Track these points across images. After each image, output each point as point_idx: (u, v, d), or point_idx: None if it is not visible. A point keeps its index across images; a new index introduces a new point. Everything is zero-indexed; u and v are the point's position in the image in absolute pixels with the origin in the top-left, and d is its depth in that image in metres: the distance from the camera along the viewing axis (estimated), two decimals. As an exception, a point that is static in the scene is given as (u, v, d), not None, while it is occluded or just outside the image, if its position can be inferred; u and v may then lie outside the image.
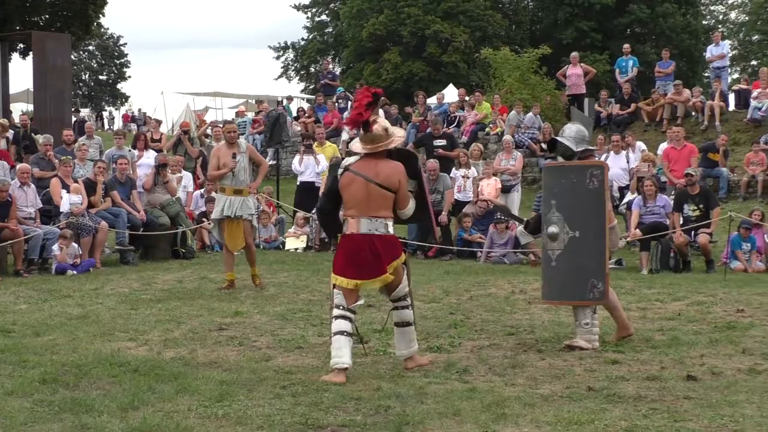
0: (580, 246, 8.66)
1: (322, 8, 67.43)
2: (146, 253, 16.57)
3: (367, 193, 7.70)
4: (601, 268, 8.69)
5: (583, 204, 8.70)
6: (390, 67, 55.76)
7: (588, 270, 8.66)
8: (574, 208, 8.72)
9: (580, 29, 55.26)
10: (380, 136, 7.75)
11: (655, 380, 7.31)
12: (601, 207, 8.72)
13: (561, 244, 8.73)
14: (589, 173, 8.70)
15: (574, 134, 9.18)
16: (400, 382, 7.24)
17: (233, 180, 12.87)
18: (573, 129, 9.26)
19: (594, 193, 8.67)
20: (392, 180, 7.70)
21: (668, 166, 19.13)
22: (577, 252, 8.67)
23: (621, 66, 27.83)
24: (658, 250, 15.28)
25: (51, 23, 39.99)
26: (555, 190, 8.89)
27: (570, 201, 8.74)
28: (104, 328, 9.66)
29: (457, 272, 14.81)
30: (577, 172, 8.81)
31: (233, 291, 12.57)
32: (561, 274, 8.80)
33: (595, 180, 8.67)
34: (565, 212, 8.73)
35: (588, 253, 8.66)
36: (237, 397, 6.78)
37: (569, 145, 9.11)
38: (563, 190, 8.81)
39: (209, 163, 13.76)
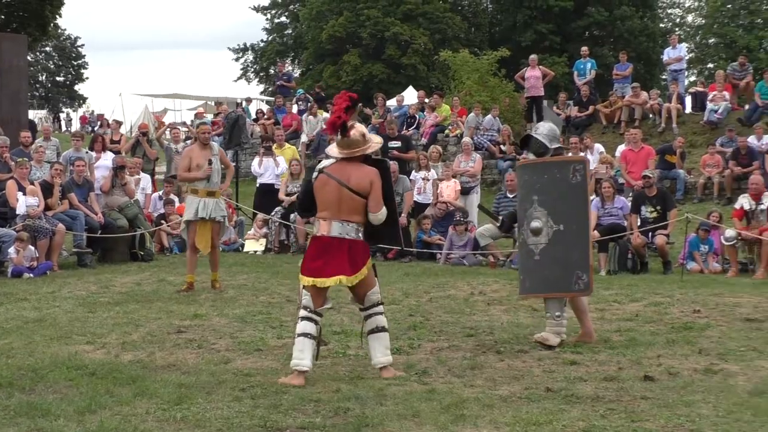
0: (564, 239, 8.85)
1: (281, 10, 67.36)
2: (104, 255, 16.45)
3: (339, 197, 7.71)
4: (586, 260, 8.90)
5: (567, 198, 8.90)
6: (349, 69, 55.77)
7: (573, 262, 8.85)
8: (558, 203, 8.91)
9: (538, 32, 55.55)
10: (357, 141, 7.76)
11: (612, 381, 7.36)
12: (584, 201, 8.98)
13: (545, 237, 8.89)
14: (572, 168, 8.95)
15: (548, 132, 9.39)
16: (359, 384, 7.24)
17: (207, 182, 12.89)
18: (546, 127, 9.49)
19: (577, 187, 8.90)
20: (363, 184, 7.66)
21: (626, 168, 19.26)
22: (561, 245, 8.85)
23: (579, 68, 28.01)
24: (615, 252, 15.38)
25: (7, 24, 39.68)
26: (537, 186, 9.04)
27: (554, 195, 8.92)
28: (61, 332, 9.58)
29: (417, 274, 14.83)
30: (560, 167, 9.03)
31: (192, 294, 12.52)
32: (545, 267, 8.94)
33: (578, 174, 8.90)
34: (548, 207, 8.90)
35: (573, 246, 8.86)
36: (196, 400, 6.75)
37: (544, 143, 9.28)
38: (546, 185, 8.98)
39: (180, 164, 13.70)
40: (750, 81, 25.56)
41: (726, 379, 7.45)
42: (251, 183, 22.65)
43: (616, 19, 56.38)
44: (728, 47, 59.00)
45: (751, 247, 15.25)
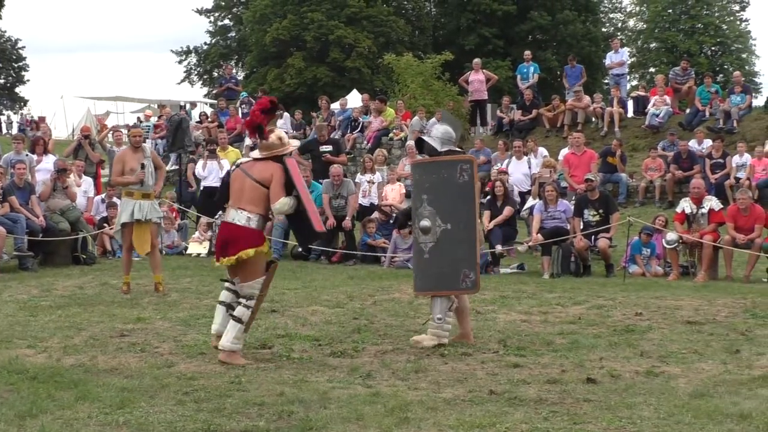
0: (451, 238, 9.02)
1: (224, 12, 67.06)
2: (46, 259, 16.28)
3: (242, 187, 8.43)
4: (473, 258, 9.05)
5: (454, 197, 9.06)
6: (294, 72, 55.67)
7: (460, 260, 9.01)
8: (446, 202, 9.07)
9: (482, 35, 55.80)
10: (275, 144, 8.46)
11: (555, 383, 7.41)
12: (471, 199, 9.07)
13: (434, 236, 9.06)
14: (459, 167, 9.07)
15: (441, 135, 9.47)
16: (303, 387, 7.24)
17: (142, 184, 12.94)
18: (440, 130, 9.57)
19: (464, 187, 9.03)
20: (264, 175, 8.33)
21: (569, 172, 19.42)
22: (449, 243, 9.03)
23: (522, 72, 28.19)
24: (559, 255, 15.48)
25: (-54, 25, 39.15)
26: (426, 185, 9.21)
27: (441, 195, 9.09)
28: (2, 336, 9.47)
29: (361, 277, 14.83)
30: (448, 166, 9.14)
31: (137, 294, 12.46)
32: (434, 266, 9.12)
33: (465, 174, 9.03)
34: (436, 206, 9.06)
35: (459, 244, 9.02)
36: (138, 403, 6.71)
37: (434, 145, 9.40)
38: (434, 184, 9.15)
39: (113, 168, 13.67)
40: (692, 85, 25.86)
41: (667, 381, 7.52)
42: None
43: (559, 24, 56.80)
44: (669, 52, 59.71)
45: (692, 250, 15.44)
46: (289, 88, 55.25)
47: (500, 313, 11.04)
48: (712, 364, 8.16)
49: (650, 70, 61.08)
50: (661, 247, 15.83)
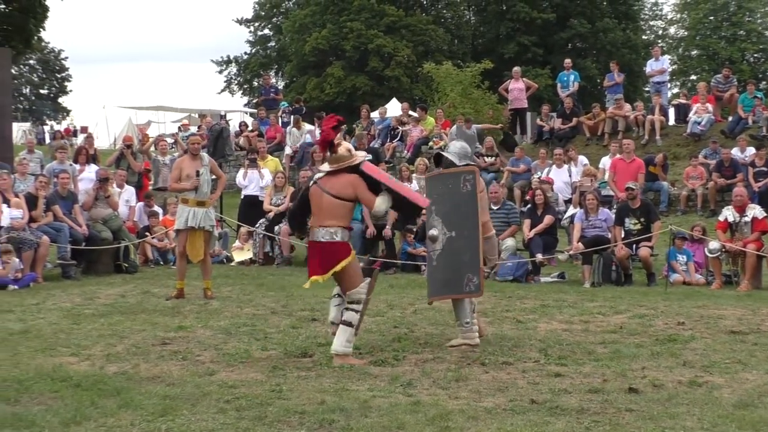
0: (456, 244, 9.43)
1: (264, 22, 67.39)
2: (89, 267, 16.40)
3: (320, 203, 8.79)
4: (476, 262, 9.32)
5: (458, 206, 9.47)
6: (333, 81, 55.87)
7: (464, 264, 9.36)
8: (451, 210, 9.52)
9: (521, 44, 55.78)
10: (344, 156, 8.84)
11: (597, 393, 7.37)
12: (474, 208, 9.36)
13: (440, 244, 9.50)
14: (463, 178, 9.47)
15: (458, 150, 9.96)
16: (344, 396, 7.24)
17: (197, 192, 13.12)
18: (457, 146, 10.09)
19: (467, 196, 9.40)
20: (342, 190, 8.73)
21: (613, 177, 19.30)
22: (453, 249, 9.45)
23: (562, 80, 28.07)
24: (600, 264, 15.40)
25: (-9, 37, 39.60)
26: (435, 197, 9.67)
27: (447, 204, 9.55)
28: (46, 343, 9.57)
29: (402, 286, 14.81)
30: (453, 177, 9.60)
31: (179, 303, 12.54)
32: (440, 272, 9.58)
33: (468, 184, 9.41)
34: (442, 215, 9.52)
35: (463, 250, 9.39)
36: (180, 411, 6.74)
37: (453, 160, 9.81)
38: (441, 195, 9.60)
39: (171, 174, 13.85)
40: (734, 93, 25.67)
41: (711, 391, 7.47)
42: (236, 195, 22.64)
43: (599, 31, 56.65)
44: (711, 59, 59.37)
45: (735, 259, 15.30)
46: (329, 97, 55.42)
47: (541, 322, 10.99)
48: (757, 374, 8.09)
49: (692, 77, 60.77)
50: (702, 255, 15.72)
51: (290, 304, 12.32)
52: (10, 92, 26.08)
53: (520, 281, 15.47)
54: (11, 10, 39.75)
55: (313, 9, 58.54)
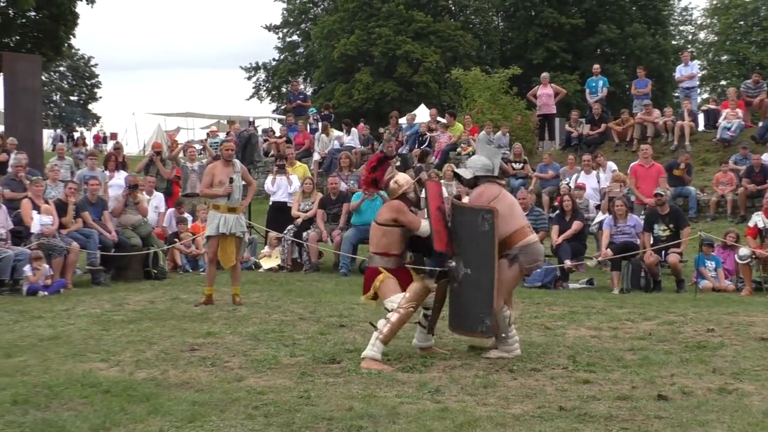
0: (471, 283, 9.14)
1: (293, 29, 67.57)
2: (118, 273, 16.47)
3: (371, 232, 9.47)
4: (489, 303, 9.03)
5: (475, 244, 9.14)
6: (361, 87, 55.97)
7: (478, 304, 9.12)
8: (468, 247, 9.22)
9: (550, 49, 55.74)
10: (394, 189, 9.49)
11: (626, 400, 7.34)
12: (491, 249, 9.00)
13: (457, 279, 9.25)
14: (481, 216, 9.10)
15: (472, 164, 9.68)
16: (372, 402, 7.24)
17: (229, 198, 13.18)
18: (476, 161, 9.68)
19: (484, 236, 9.05)
20: (384, 216, 9.33)
21: (635, 183, 19.24)
22: (469, 288, 9.19)
23: (591, 86, 27.98)
24: (628, 270, 15.35)
25: (21, 44, 39.88)
26: (456, 226, 9.41)
27: (465, 240, 9.25)
28: (76, 349, 9.62)
29: (430, 292, 14.78)
30: (472, 214, 9.25)
31: (207, 309, 12.58)
32: (458, 306, 9.39)
33: (486, 224, 9.04)
34: (460, 250, 9.27)
35: (477, 291, 9.11)
36: (209, 417, 6.77)
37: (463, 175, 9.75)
38: (461, 228, 9.33)
39: (203, 180, 13.90)
40: (764, 98, 25.51)
41: (740, 398, 7.43)
42: (264, 201, 22.70)
43: (628, 37, 56.51)
44: (741, 64, 59.04)
45: (765, 265, 15.21)
46: (357, 103, 55.54)
47: (569, 329, 10.97)
48: (787, 382, 8.05)
49: (721, 83, 60.45)
50: (731, 261, 15.64)
51: (318, 310, 12.34)
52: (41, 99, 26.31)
53: (548, 287, 15.42)
54: (42, 18, 40.04)
55: (341, 15, 58.69)
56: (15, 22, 40.27)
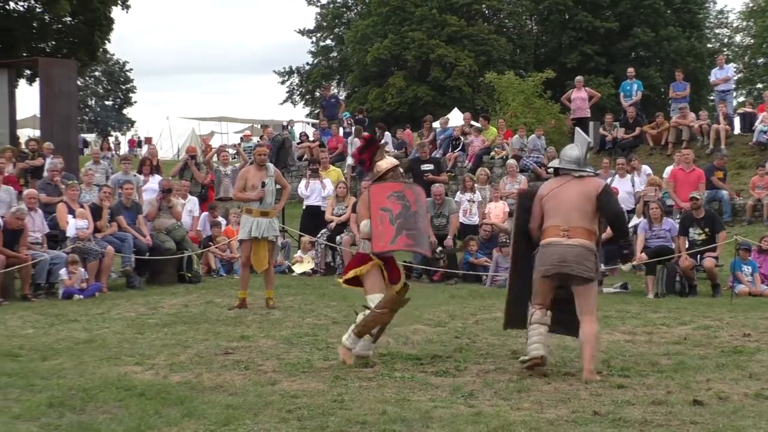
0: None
1: (326, 33, 67.68)
2: (152, 277, 16.56)
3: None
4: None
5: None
6: (395, 91, 55.97)
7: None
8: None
9: (584, 53, 55.51)
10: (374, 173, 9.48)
11: (661, 405, 7.30)
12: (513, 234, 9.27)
13: None
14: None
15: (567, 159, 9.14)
16: (405, 406, 7.24)
17: (261, 202, 13.20)
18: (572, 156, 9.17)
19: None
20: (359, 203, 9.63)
21: (674, 187, 19.13)
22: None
23: (625, 90, 27.81)
24: (663, 274, 15.26)
25: (57, 49, 40.18)
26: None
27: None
28: (111, 353, 9.68)
29: (463, 296, 14.79)
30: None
31: (241, 313, 12.62)
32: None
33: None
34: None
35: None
36: (243, 421, 6.78)
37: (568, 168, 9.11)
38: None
39: (236, 184, 13.96)
40: (801, 101, 25.31)
41: (777, 404, 7.38)
42: (297, 205, 22.73)
43: (663, 40, 56.20)
44: (778, 67, 58.58)
45: (802, 269, 15.10)
46: (390, 107, 55.56)
47: (604, 333, 10.87)
48: (824, 387, 7.97)
49: (758, 86, 59.97)
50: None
51: (351, 314, 12.27)
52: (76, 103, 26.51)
53: (582, 292, 15.33)
54: (77, 23, 40.34)
55: (374, 19, 58.73)
56: (51, 28, 40.56)
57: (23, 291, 14.61)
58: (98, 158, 21.80)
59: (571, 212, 8.71)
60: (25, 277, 14.65)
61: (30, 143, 22.70)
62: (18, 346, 10.11)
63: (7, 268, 14.28)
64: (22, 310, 13.24)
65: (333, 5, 67.70)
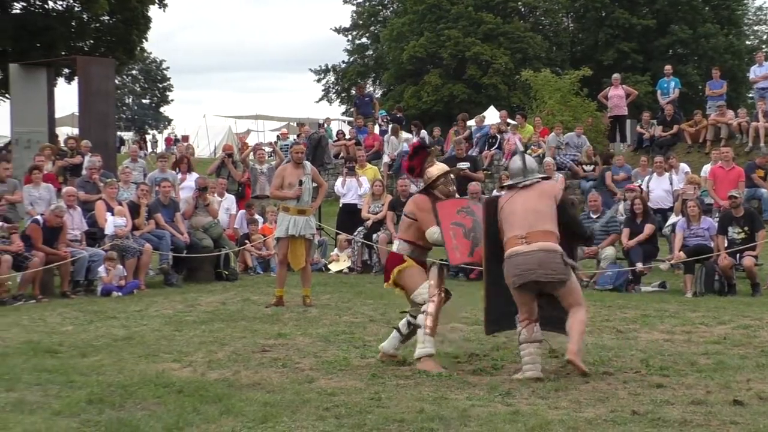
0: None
1: (362, 31, 67.70)
2: (190, 275, 16.64)
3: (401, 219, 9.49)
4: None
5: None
6: (430, 89, 55.90)
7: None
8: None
9: (621, 50, 55.23)
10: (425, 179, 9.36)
11: (700, 404, 7.25)
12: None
13: None
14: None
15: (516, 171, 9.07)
16: (443, 405, 7.23)
17: (298, 200, 13.26)
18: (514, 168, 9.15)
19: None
20: (408, 208, 9.30)
21: (713, 185, 18.99)
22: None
23: (663, 87, 27.63)
24: (702, 273, 15.14)
25: (95, 48, 40.42)
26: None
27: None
28: (149, 350, 9.74)
29: (500, 294, 14.73)
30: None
31: (278, 310, 12.66)
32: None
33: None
34: None
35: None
36: (280, 418, 6.80)
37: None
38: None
39: (273, 182, 14.03)
40: (841, 99, 25.01)
41: (818, 404, 7.31)
42: (334, 203, 22.78)
43: (701, 37, 55.79)
44: (817, 64, 57.93)
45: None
46: (426, 105, 55.51)
47: (642, 332, 10.86)
48: None
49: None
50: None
51: (388, 312, 12.33)
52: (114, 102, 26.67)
53: (619, 290, 15.28)
54: (115, 22, 40.60)
55: (410, 17, 58.70)
56: (89, 27, 40.80)
57: (62, 288, 14.73)
58: (136, 156, 21.91)
59: (527, 218, 8.58)
60: (64, 274, 14.78)
61: (69, 141, 22.86)
62: (57, 342, 10.19)
63: (46, 265, 14.41)
64: (62, 307, 13.34)
65: (369, 3, 67.75)
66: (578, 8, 60.84)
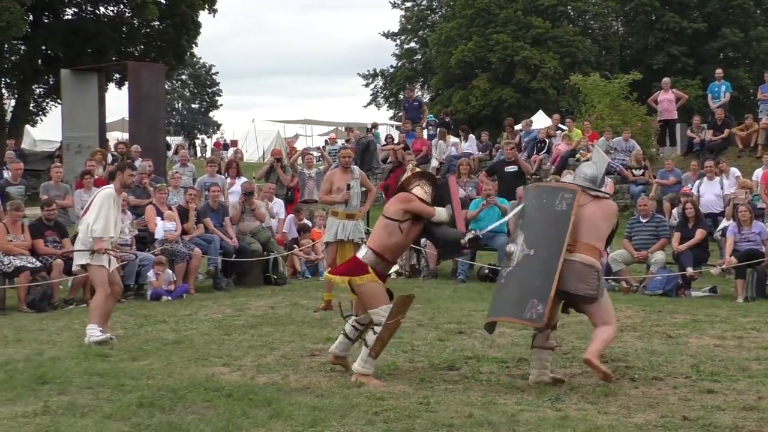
0: (531, 264, 8.43)
1: (410, 36, 67.77)
2: (239, 279, 16.71)
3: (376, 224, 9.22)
4: (547, 290, 8.24)
5: (547, 224, 8.56)
6: (479, 93, 55.84)
7: (533, 288, 8.33)
8: (538, 228, 8.62)
9: (671, 54, 54.85)
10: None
11: (752, 410, 7.19)
12: (563, 230, 8.37)
13: (515, 260, 8.58)
14: (561, 195, 8.59)
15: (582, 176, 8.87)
16: (491, 409, 7.22)
17: (347, 205, 13.30)
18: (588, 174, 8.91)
19: (560, 215, 8.46)
20: (393, 208, 8.90)
21: (765, 189, 18.81)
22: (526, 270, 8.45)
23: (713, 91, 27.37)
24: (753, 278, 14.99)
25: (146, 53, 40.78)
26: (527, 210, 8.89)
27: (535, 219, 8.69)
28: (198, 353, 9.80)
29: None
30: (550, 192, 8.78)
31: (327, 315, 12.67)
32: (507, 290, 8.65)
33: (564, 202, 8.49)
34: (527, 230, 8.66)
35: (537, 273, 8.36)
36: (330, 422, 6.82)
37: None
38: (532, 209, 8.80)
39: (322, 186, 14.08)
40: None
41: None
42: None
43: (752, 40, 55.34)
44: None
45: None
46: (474, 109, 55.44)
47: (692, 338, 10.77)
48: None
49: None
50: None
51: (437, 316, 12.33)
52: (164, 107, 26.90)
53: (669, 295, 15.16)
54: (165, 27, 40.93)
55: (459, 21, 58.71)
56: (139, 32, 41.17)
57: (113, 292, 14.84)
58: (186, 161, 22.06)
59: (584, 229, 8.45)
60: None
61: (119, 146, 23.07)
62: (108, 346, 10.28)
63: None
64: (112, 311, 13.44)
65: (417, 8, 67.85)
66: (628, 12, 60.50)
